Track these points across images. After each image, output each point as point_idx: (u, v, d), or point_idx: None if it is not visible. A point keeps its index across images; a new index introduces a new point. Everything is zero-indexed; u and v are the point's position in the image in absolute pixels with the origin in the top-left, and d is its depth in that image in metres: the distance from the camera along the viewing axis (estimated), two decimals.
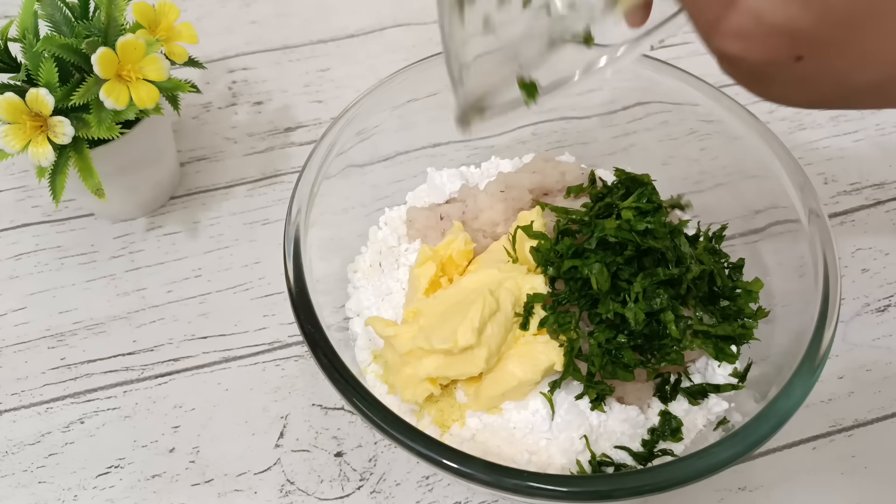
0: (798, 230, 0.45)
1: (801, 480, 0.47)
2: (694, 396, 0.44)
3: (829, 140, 0.64)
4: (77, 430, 0.49)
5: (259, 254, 0.57)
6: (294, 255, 0.43)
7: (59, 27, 0.50)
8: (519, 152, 0.57)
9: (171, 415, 0.50)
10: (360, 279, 0.50)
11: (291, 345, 0.53)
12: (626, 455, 0.43)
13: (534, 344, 0.43)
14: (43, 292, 0.55)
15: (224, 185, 0.61)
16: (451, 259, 0.46)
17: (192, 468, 0.48)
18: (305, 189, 0.45)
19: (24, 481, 0.47)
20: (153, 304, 0.54)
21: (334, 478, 0.47)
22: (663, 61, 0.52)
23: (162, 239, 0.58)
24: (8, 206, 0.59)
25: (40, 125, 0.46)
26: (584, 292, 0.42)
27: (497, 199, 0.49)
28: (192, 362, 0.52)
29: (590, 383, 0.42)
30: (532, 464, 0.42)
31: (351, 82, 0.67)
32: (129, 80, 0.47)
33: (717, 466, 0.36)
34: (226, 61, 0.69)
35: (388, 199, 0.54)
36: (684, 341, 0.41)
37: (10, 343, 0.52)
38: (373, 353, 0.46)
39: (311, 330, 0.40)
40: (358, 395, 0.38)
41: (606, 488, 0.35)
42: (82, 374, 0.51)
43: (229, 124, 0.64)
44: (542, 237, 0.45)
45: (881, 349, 0.52)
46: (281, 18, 0.72)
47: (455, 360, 0.41)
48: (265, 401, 0.50)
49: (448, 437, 0.43)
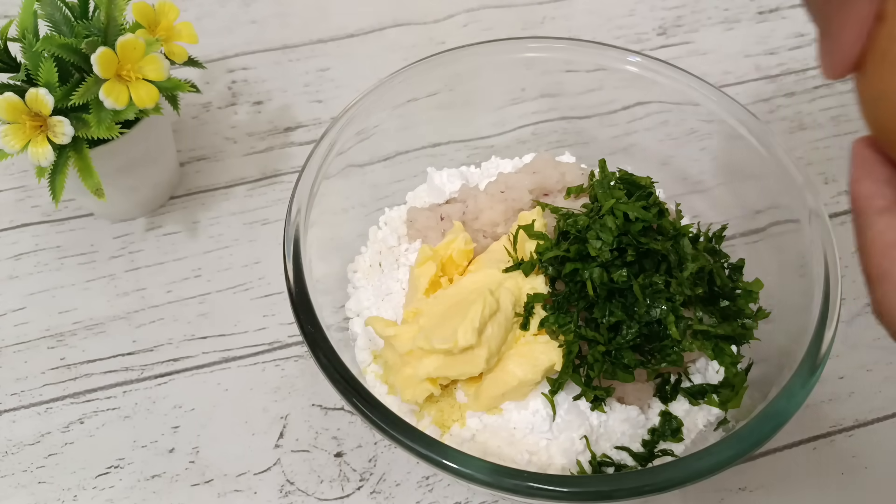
0: (798, 230, 0.45)
1: (801, 481, 0.47)
2: (694, 397, 0.44)
3: (830, 140, 0.64)
4: (77, 430, 0.49)
5: (259, 254, 0.57)
6: (294, 255, 0.43)
7: (59, 27, 0.50)
8: (519, 152, 0.57)
9: (171, 415, 0.50)
10: (360, 279, 0.50)
11: (291, 345, 0.53)
12: (626, 455, 0.43)
13: (534, 344, 0.43)
14: (42, 292, 0.55)
15: (224, 185, 0.61)
16: (451, 259, 0.46)
17: (191, 468, 0.48)
18: (305, 189, 0.45)
19: (24, 481, 0.47)
20: (153, 304, 0.54)
21: (334, 478, 0.47)
22: (663, 61, 0.52)
23: (161, 239, 0.58)
24: (8, 206, 0.59)
25: (40, 125, 0.46)
26: (584, 294, 0.42)
27: (497, 199, 0.49)
28: (191, 362, 0.52)
29: (588, 386, 0.42)
30: (532, 464, 0.42)
31: (351, 82, 0.67)
32: (129, 80, 0.47)
33: (717, 466, 0.36)
34: (225, 61, 0.68)
35: (388, 199, 0.54)
36: (684, 342, 0.41)
37: (9, 343, 0.52)
38: (373, 353, 0.46)
39: (311, 330, 0.40)
40: (358, 395, 0.38)
41: (607, 489, 0.35)
42: (82, 374, 0.51)
43: (229, 124, 0.64)
44: (542, 237, 0.45)
45: (881, 349, 0.52)
46: (281, 18, 0.72)
47: (455, 361, 0.41)
48: (265, 401, 0.50)
49: (448, 437, 0.43)
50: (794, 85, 0.68)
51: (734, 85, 0.68)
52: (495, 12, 0.73)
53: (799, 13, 0.73)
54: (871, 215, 0.26)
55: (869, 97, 0.26)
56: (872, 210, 0.26)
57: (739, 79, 0.68)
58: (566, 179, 0.49)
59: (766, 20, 0.73)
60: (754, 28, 0.72)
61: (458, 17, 0.72)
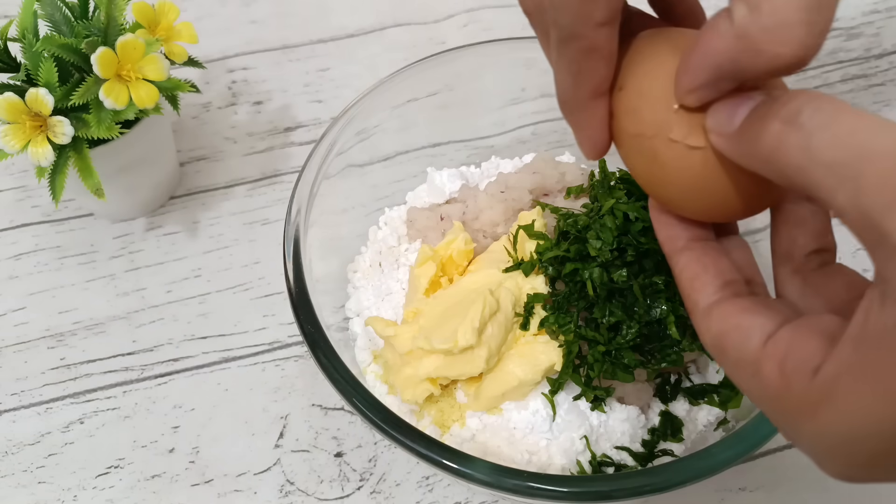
0: None
1: (801, 481, 0.47)
2: (694, 397, 0.44)
3: None
4: (77, 430, 0.49)
5: (259, 254, 0.57)
6: (294, 255, 0.43)
7: (59, 27, 0.50)
8: (519, 152, 0.57)
9: (171, 415, 0.50)
10: (359, 279, 0.50)
11: (291, 345, 0.53)
12: (626, 455, 0.43)
13: (534, 344, 0.43)
14: (42, 292, 0.55)
15: (224, 185, 0.61)
16: (451, 259, 0.46)
17: (191, 468, 0.48)
18: (305, 189, 0.45)
19: (24, 481, 0.47)
20: (153, 304, 0.54)
21: (334, 478, 0.47)
22: None
23: (161, 239, 0.58)
24: (7, 206, 0.59)
25: (40, 125, 0.46)
26: (584, 294, 0.42)
27: (497, 199, 0.49)
28: (191, 362, 0.52)
29: (588, 386, 0.42)
30: (532, 464, 0.42)
31: (351, 82, 0.67)
32: (129, 80, 0.47)
33: (717, 467, 0.36)
34: (225, 61, 0.68)
35: (388, 199, 0.54)
36: (684, 342, 0.41)
37: (9, 343, 0.52)
38: (373, 353, 0.46)
39: (311, 330, 0.40)
40: (358, 395, 0.38)
41: (607, 489, 0.35)
42: (82, 374, 0.51)
43: (229, 124, 0.64)
44: (542, 237, 0.45)
45: None
46: (281, 18, 0.72)
47: (455, 360, 0.41)
48: (265, 401, 0.50)
49: (448, 437, 0.43)
50: (794, 85, 0.67)
51: None
52: (495, 12, 0.73)
53: None
54: (674, 255, 0.29)
55: (628, 166, 0.30)
56: (674, 251, 0.29)
57: None
58: (566, 179, 0.49)
59: None
60: None
61: (458, 17, 0.72)
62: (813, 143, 0.21)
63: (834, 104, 0.22)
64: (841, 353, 0.22)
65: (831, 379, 0.22)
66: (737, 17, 0.23)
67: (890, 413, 0.20)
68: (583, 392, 0.42)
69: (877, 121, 0.21)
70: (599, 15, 0.27)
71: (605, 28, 0.27)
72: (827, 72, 0.68)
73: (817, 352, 0.23)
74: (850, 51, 0.70)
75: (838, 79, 0.68)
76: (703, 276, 0.28)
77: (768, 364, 0.24)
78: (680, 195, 0.29)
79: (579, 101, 0.30)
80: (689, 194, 0.28)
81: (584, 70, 0.29)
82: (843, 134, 0.21)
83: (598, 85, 0.29)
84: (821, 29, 0.23)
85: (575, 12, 0.27)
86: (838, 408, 0.22)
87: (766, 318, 0.25)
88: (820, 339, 0.23)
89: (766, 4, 0.23)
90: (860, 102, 0.66)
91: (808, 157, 0.22)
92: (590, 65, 0.29)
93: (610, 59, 0.29)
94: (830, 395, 0.22)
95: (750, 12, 0.23)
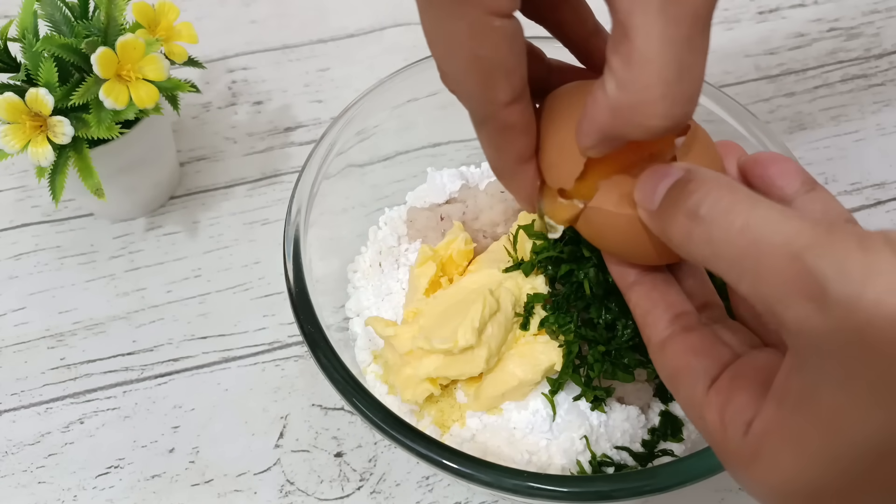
0: None
1: None
2: None
3: (830, 140, 0.64)
4: (77, 430, 0.49)
5: (259, 254, 0.57)
6: (294, 255, 0.43)
7: (59, 27, 0.50)
8: None
9: (171, 415, 0.50)
10: (359, 279, 0.50)
11: (291, 345, 0.53)
12: (626, 455, 0.43)
13: (534, 344, 0.43)
14: (42, 292, 0.55)
15: (224, 185, 0.61)
16: (451, 259, 0.46)
17: (191, 468, 0.48)
18: (305, 189, 0.45)
19: (24, 481, 0.47)
20: (153, 304, 0.54)
21: (334, 478, 0.47)
22: None
23: (161, 239, 0.58)
24: (7, 206, 0.59)
25: (40, 125, 0.46)
26: (581, 294, 0.42)
27: (497, 199, 0.48)
28: (191, 362, 0.52)
29: (588, 386, 0.42)
30: (532, 464, 0.42)
31: (350, 82, 0.67)
32: (129, 80, 0.47)
33: (717, 467, 0.36)
34: (225, 61, 0.69)
35: (388, 199, 0.54)
36: None
37: (9, 343, 0.52)
38: (373, 353, 0.46)
39: (311, 330, 0.40)
40: (358, 395, 0.38)
41: (607, 489, 0.35)
42: (82, 374, 0.51)
43: (229, 124, 0.64)
44: (541, 237, 0.45)
45: None
46: (280, 18, 0.72)
47: (455, 360, 0.41)
48: (265, 401, 0.50)
49: (448, 437, 0.43)
50: (794, 85, 0.68)
51: (734, 85, 0.68)
52: None
53: (799, 13, 0.73)
54: (626, 291, 0.31)
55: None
56: (626, 286, 0.31)
57: (739, 79, 0.68)
58: None
59: (766, 20, 0.73)
60: (754, 28, 0.72)
61: None
62: (714, 237, 0.23)
63: (733, 194, 0.23)
64: (767, 411, 0.23)
65: (759, 436, 0.23)
66: (609, 92, 0.25)
67: (811, 476, 0.22)
68: (583, 392, 0.42)
69: (771, 211, 0.22)
70: (503, 96, 0.28)
71: (514, 105, 0.28)
72: (827, 72, 0.68)
73: (750, 404, 0.24)
74: (850, 51, 0.70)
75: (838, 79, 0.68)
76: (653, 312, 0.29)
77: (711, 412, 0.25)
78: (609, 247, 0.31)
79: (507, 169, 0.32)
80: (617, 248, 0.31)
81: (504, 144, 0.30)
82: (738, 229, 0.22)
83: (520, 154, 0.31)
84: (685, 99, 0.24)
85: (479, 99, 0.28)
86: (766, 466, 0.23)
87: (711, 359, 0.27)
88: (754, 389, 0.24)
89: (630, 83, 0.24)
90: (860, 102, 0.66)
91: (711, 251, 0.23)
92: (507, 139, 0.30)
93: (526, 130, 0.30)
94: (759, 453, 0.23)
95: (617, 89, 0.24)
